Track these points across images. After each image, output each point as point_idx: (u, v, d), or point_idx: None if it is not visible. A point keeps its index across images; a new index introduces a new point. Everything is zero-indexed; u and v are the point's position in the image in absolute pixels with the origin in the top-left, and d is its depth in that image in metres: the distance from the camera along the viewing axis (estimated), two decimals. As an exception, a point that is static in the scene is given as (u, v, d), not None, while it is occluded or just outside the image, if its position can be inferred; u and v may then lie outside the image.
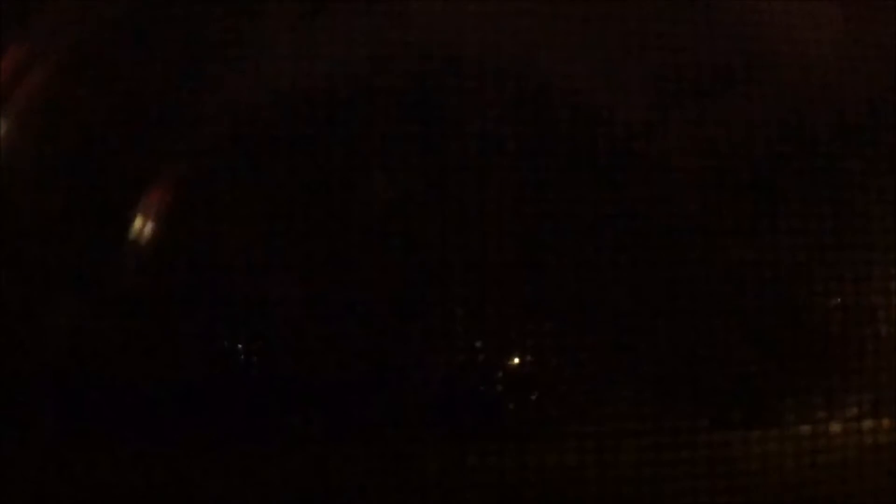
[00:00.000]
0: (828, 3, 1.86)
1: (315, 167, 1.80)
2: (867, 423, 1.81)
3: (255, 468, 1.76)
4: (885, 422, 1.81)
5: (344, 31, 1.81)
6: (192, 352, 1.77)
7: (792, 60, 1.83)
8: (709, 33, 1.83)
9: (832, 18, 1.83)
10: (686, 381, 1.81)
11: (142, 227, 1.79)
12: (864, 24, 1.84)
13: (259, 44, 1.82)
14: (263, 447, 1.76)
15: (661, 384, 1.80)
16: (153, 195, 1.80)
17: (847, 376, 1.81)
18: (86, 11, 1.85)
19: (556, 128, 1.82)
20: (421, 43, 1.81)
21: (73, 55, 1.84)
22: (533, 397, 1.80)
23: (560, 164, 1.81)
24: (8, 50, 1.81)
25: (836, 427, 1.80)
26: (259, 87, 1.82)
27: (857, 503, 1.81)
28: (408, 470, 1.75)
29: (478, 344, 1.79)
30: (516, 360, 1.80)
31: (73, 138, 1.82)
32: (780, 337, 1.82)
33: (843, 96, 1.84)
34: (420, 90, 1.80)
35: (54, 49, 1.84)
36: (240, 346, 1.78)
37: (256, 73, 1.81)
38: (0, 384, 1.76)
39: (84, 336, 1.78)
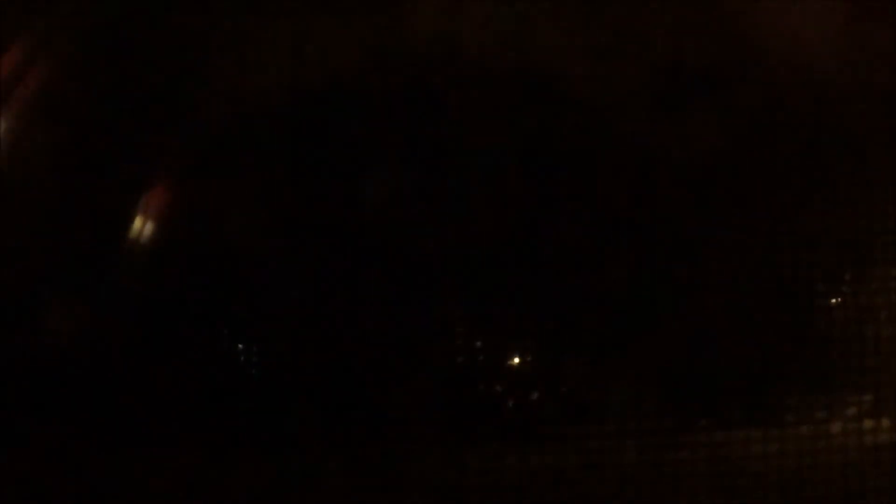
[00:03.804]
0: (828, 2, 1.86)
1: (316, 167, 1.80)
2: (867, 423, 1.81)
3: (255, 468, 1.76)
4: (885, 422, 1.80)
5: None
6: (191, 352, 1.77)
7: (792, 60, 1.83)
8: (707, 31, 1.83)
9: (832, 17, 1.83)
10: (686, 381, 1.81)
11: (142, 227, 1.79)
12: (864, 24, 1.84)
13: (260, 42, 1.82)
14: (263, 447, 1.76)
15: (661, 384, 1.80)
16: (153, 195, 1.80)
17: (847, 376, 1.81)
18: (85, 11, 1.85)
19: (556, 127, 1.82)
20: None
21: (73, 55, 1.84)
22: (533, 397, 1.80)
23: (560, 163, 1.81)
24: (8, 50, 1.81)
25: (836, 427, 1.80)
26: (259, 87, 1.82)
27: (857, 503, 1.80)
28: (408, 470, 1.75)
29: (478, 344, 1.79)
30: (516, 360, 1.80)
31: (73, 138, 1.82)
32: (780, 337, 1.82)
33: (843, 96, 1.84)
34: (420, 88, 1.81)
35: (54, 49, 1.84)
36: (240, 346, 1.79)
37: (257, 73, 1.82)
38: (0, 384, 1.76)
39: (84, 336, 1.78)
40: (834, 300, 1.82)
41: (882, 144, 1.83)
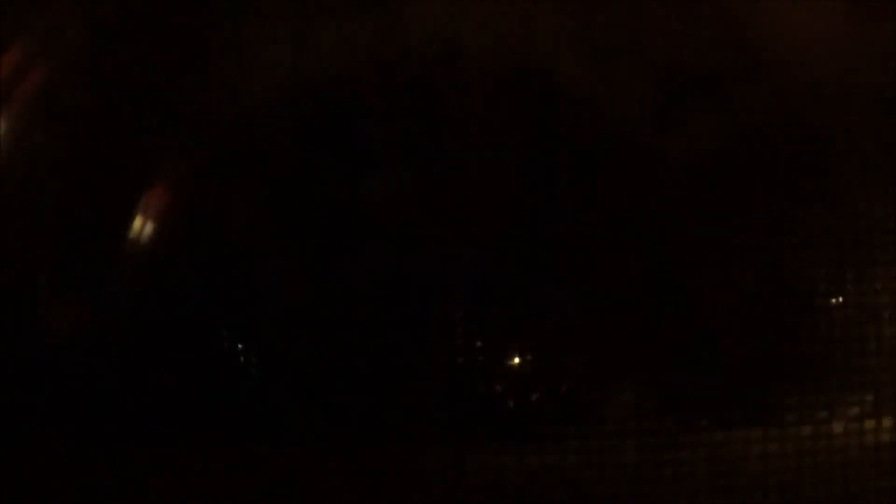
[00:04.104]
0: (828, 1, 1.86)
1: (316, 167, 1.80)
2: (868, 423, 1.81)
3: (255, 468, 1.76)
4: (886, 421, 1.81)
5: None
6: (190, 351, 1.77)
7: (793, 59, 1.83)
8: (710, 31, 1.83)
9: (832, 16, 1.83)
10: (686, 380, 1.81)
11: (142, 226, 1.80)
12: (864, 23, 1.84)
13: (259, 44, 1.82)
14: (263, 447, 1.76)
15: (661, 384, 1.80)
16: (153, 195, 1.80)
17: (847, 376, 1.81)
18: (85, 11, 1.85)
19: (556, 127, 1.82)
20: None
21: (73, 55, 1.84)
22: (533, 397, 1.80)
23: (561, 163, 1.81)
24: (8, 50, 1.82)
25: (836, 427, 1.80)
26: (260, 87, 1.82)
27: (857, 503, 1.80)
28: (408, 470, 1.75)
29: (478, 344, 1.79)
30: (516, 360, 1.80)
31: (74, 138, 1.82)
32: (780, 337, 1.82)
33: (843, 95, 1.84)
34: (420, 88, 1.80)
35: (54, 49, 1.84)
36: (240, 346, 1.79)
37: (256, 73, 1.82)
38: (0, 384, 1.76)
39: (84, 335, 1.78)
40: (834, 300, 1.82)
41: (882, 144, 1.83)
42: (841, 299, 1.82)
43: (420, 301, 1.78)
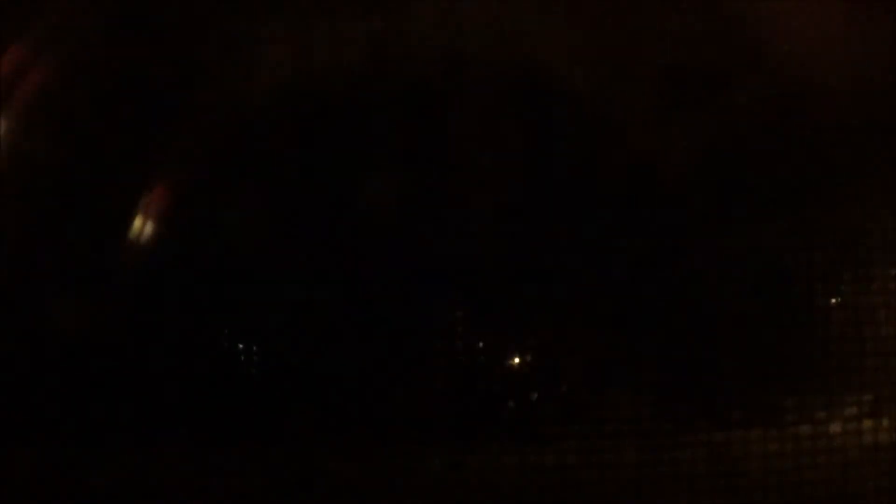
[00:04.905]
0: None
1: (316, 168, 1.80)
2: (867, 423, 1.81)
3: (255, 468, 1.76)
4: (885, 421, 1.81)
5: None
6: (191, 352, 1.77)
7: (793, 60, 1.83)
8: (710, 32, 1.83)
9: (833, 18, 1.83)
10: (686, 381, 1.81)
11: (142, 226, 1.80)
12: (864, 22, 1.84)
13: (260, 43, 1.82)
14: (264, 447, 1.76)
15: (661, 384, 1.80)
16: (153, 195, 1.80)
17: (846, 376, 1.81)
18: (85, 11, 1.85)
19: (557, 128, 1.82)
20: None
21: (73, 55, 1.84)
22: (533, 397, 1.80)
23: (562, 164, 1.81)
24: (8, 50, 1.81)
25: (836, 427, 1.80)
26: (259, 87, 1.82)
27: (856, 503, 1.81)
28: (409, 470, 1.75)
29: (478, 344, 1.79)
30: (516, 360, 1.81)
31: (74, 138, 1.82)
32: (780, 337, 1.82)
33: (843, 96, 1.84)
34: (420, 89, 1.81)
35: (54, 49, 1.84)
36: (240, 346, 1.79)
37: (257, 73, 1.82)
38: (0, 384, 1.76)
39: (85, 336, 1.78)
40: (834, 300, 1.83)
41: (882, 145, 1.84)
42: (840, 299, 1.82)
43: (421, 302, 1.78)
